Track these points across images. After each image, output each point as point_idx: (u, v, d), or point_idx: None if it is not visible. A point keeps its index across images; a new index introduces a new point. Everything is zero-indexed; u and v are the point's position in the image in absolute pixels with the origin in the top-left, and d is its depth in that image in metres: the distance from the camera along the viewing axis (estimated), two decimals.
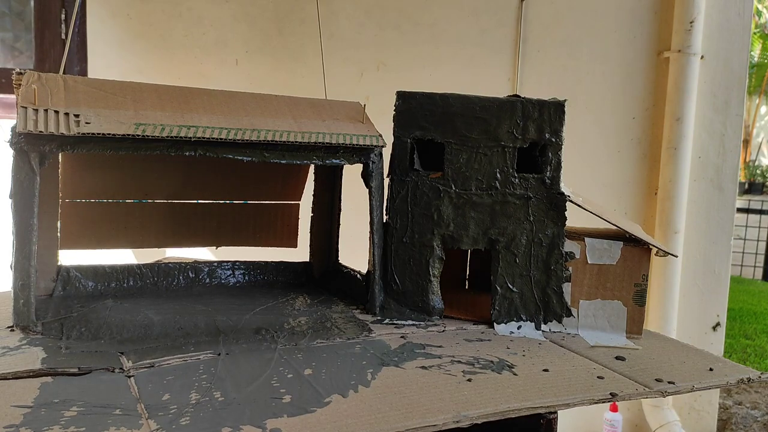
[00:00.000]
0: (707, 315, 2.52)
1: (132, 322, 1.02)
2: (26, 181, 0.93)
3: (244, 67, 2.32)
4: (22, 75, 1.01)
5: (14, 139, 0.92)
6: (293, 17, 2.32)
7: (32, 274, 0.96)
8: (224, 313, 1.09)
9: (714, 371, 0.95)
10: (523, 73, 2.39)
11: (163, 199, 1.35)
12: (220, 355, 0.90)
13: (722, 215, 2.46)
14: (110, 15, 2.26)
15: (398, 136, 1.14)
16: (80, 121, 0.93)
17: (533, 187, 1.11)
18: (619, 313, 1.10)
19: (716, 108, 2.43)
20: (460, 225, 1.12)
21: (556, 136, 1.10)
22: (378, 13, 2.36)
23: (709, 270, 2.50)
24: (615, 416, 2.38)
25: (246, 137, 1.01)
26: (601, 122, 2.43)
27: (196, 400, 0.75)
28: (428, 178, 1.12)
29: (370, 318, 1.12)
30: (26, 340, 0.92)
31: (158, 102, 1.04)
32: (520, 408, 0.78)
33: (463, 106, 1.11)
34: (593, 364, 0.95)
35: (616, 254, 1.09)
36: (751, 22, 2.47)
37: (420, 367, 0.89)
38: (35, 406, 0.71)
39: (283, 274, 1.36)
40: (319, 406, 0.74)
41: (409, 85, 1.18)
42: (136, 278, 1.24)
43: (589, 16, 2.42)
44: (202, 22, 2.29)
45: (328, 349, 0.95)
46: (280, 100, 1.16)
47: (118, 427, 0.67)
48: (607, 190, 2.43)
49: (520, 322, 1.11)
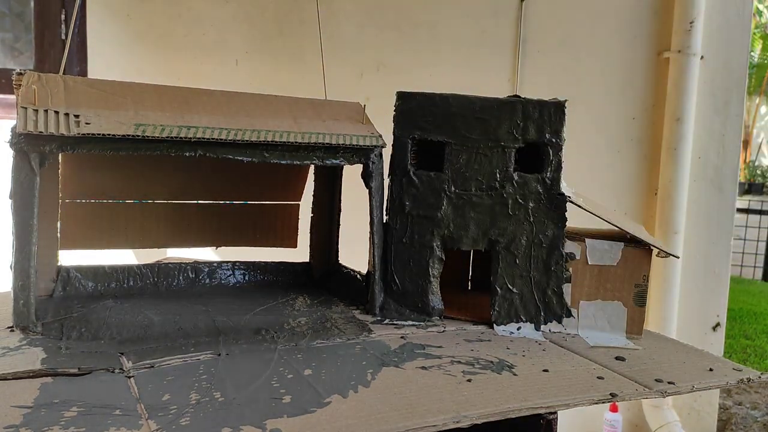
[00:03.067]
0: (707, 315, 2.52)
1: (132, 322, 1.02)
2: (26, 182, 0.93)
3: (244, 68, 2.32)
4: (22, 75, 1.01)
5: (14, 140, 0.92)
6: (293, 18, 2.32)
7: (32, 275, 0.95)
8: (224, 313, 1.09)
9: (714, 371, 0.95)
10: (523, 73, 2.39)
11: (164, 199, 1.35)
12: (220, 356, 0.90)
13: (722, 215, 2.46)
14: (110, 15, 2.26)
15: (398, 137, 1.14)
16: (80, 121, 0.93)
17: (533, 188, 1.11)
18: (619, 313, 1.10)
19: (716, 108, 2.43)
20: (459, 225, 1.12)
21: (556, 136, 1.10)
22: (378, 14, 2.36)
23: (709, 270, 2.50)
24: (615, 416, 2.38)
25: (246, 138, 1.01)
26: (601, 122, 2.43)
27: (196, 400, 0.75)
28: (428, 178, 1.12)
29: (370, 318, 1.12)
30: (26, 341, 0.92)
31: (158, 102, 1.04)
32: (520, 408, 0.78)
33: (463, 106, 1.10)
34: (593, 365, 0.95)
35: (616, 255, 1.09)
36: (751, 23, 2.47)
37: (420, 368, 0.89)
38: (35, 407, 0.71)
39: (283, 274, 1.36)
40: (319, 406, 0.74)
41: (409, 85, 1.18)
42: (136, 278, 1.24)
43: (589, 16, 2.42)
44: (202, 23, 2.29)
45: (328, 350, 0.95)
46: (280, 101, 1.16)
47: (118, 427, 0.67)
48: (607, 190, 2.43)
49: (520, 323, 1.11)
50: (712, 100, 2.43)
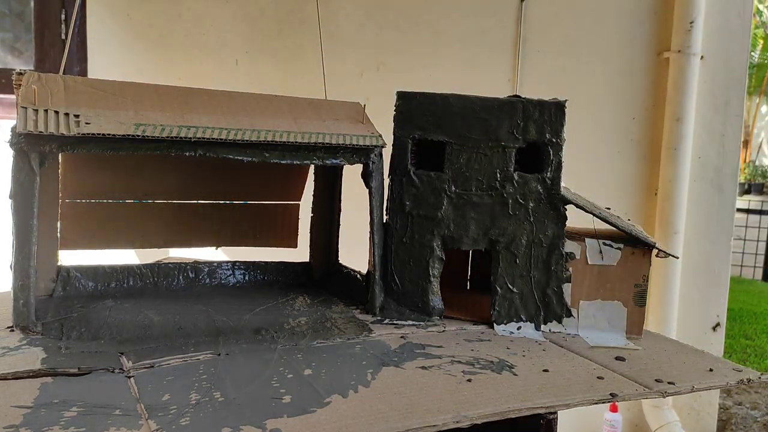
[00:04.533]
0: (707, 315, 2.52)
1: (132, 322, 1.02)
2: (26, 182, 0.93)
3: (244, 68, 2.32)
4: (22, 75, 1.01)
5: (14, 140, 0.92)
6: (293, 17, 2.32)
7: (32, 275, 0.96)
8: (224, 313, 1.09)
9: (714, 372, 0.95)
10: (523, 73, 2.39)
11: (164, 199, 1.35)
12: (220, 356, 0.90)
13: (722, 215, 2.46)
14: (110, 15, 2.26)
15: (398, 136, 1.14)
16: (80, 121, 0.93)
17: (534, 188, 1.11)
18: (619, 313, 1.10)
19: (716, 108, 2.43)
20: (460, 225, 1.12)
21: (556, 136, 1.10)
22: (378, 13, 2.36)
23: (709, 270, 2.50)
24: (615, 416, 2.38)
25: (246, 137, 1.01)
26: (601, 122, 2.43)
27: (196, 400, 0.75)
28: (429, 178, 1.12)
29: (370, 318, 1.12)
30: (26, 341, 0.92)
31: (158, 102, 1.04)
32: (520, 408, 0.78)
33: (463, 106, 1.10)
34: (593, 365, 0.95)
35: (616, 255, 1.09)
36: (751, 23, 2.47)
37: (420, 368, 0.89)
38: (35, 407, 0.71)
39: (283, 274, 1.36)
40: (319, 406, 0.74)
41: (409, 85, 1.18)
42: (136, 278, 1.24)
43: (589, 16, 2.42)
44: (202, 23, 2.29)
45: (328, 350, 0.95)
46: (280, 101, 1.16)
47: (118, 427, 0.67)
48: (607, 191, 2.42)
49: (520, 323, 1.11)
50: (712, 100, 2.43)
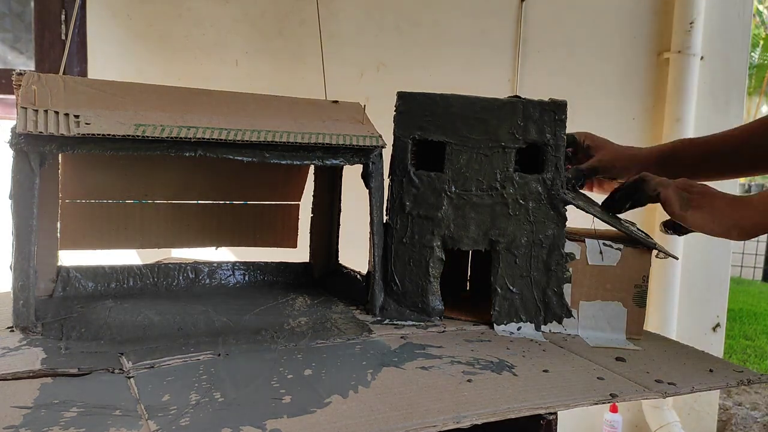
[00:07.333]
0: (707, 316, 2.52)
1: (132, 322, 1.02)
2: (26, 182, 0.93)
3: (244, 68, 2.32)
4: (22, 75, 1.01)
5: (14, 140, 0.92)
6: (293, 18, 2.32)
7: (32, 275, 0.95)
8: (224, 313, 1.09)
9: (714, 372, 0.95)
10: (523, 73, 2.39)
11: (163, 199, 1.35)
12: (220, 356, 0.90)
13: None
14: (110, 15, 2.26)
15: (398, 137, 1.14)
16: (80, 121, 0.93)
17: (534, 188, 1.11)
18: (619, 314, 1.10)
19: (716, 109, 2.43)
20: (460, 226, 1.12)
21: (556, 136, 1.10)
22: (378, 14, 2.36)
23: (709, 271, 2.50)
24: (615, 417, 2.38)
25: (246, 138, 1.01)
26: (601, 122, 2.43)
27: (196, 400, 0.74)
28: (429, 178, 1.12)
29: (370, 318, 1.12)
30: (26, 341, 0.92)
31: (158, 103, 1.04)
32: (520, 408, 0.78)
33: (463, 106, 1.10)
34: (593, 365, 0.95)
35: (616, 255, 1.09)
36: (751, 23, 2.47)
37: (420, 368, 0.89)
38: (35, 407, 0.71)
39: (283, 274, 1.36)
40: (319, 406, 0.74)
41: (409, 85, 1.18)
42: (136, 279, 1.24)
43: (589, 16, 2.42)
44: (202, 23, 2.29)
45: (328, 350, 0.95)
46: (280, 101, 1.16)
47: (118, 427, 0.67)
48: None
49: (520, 323, 1.11)
50: (712, 100, 2.43)
